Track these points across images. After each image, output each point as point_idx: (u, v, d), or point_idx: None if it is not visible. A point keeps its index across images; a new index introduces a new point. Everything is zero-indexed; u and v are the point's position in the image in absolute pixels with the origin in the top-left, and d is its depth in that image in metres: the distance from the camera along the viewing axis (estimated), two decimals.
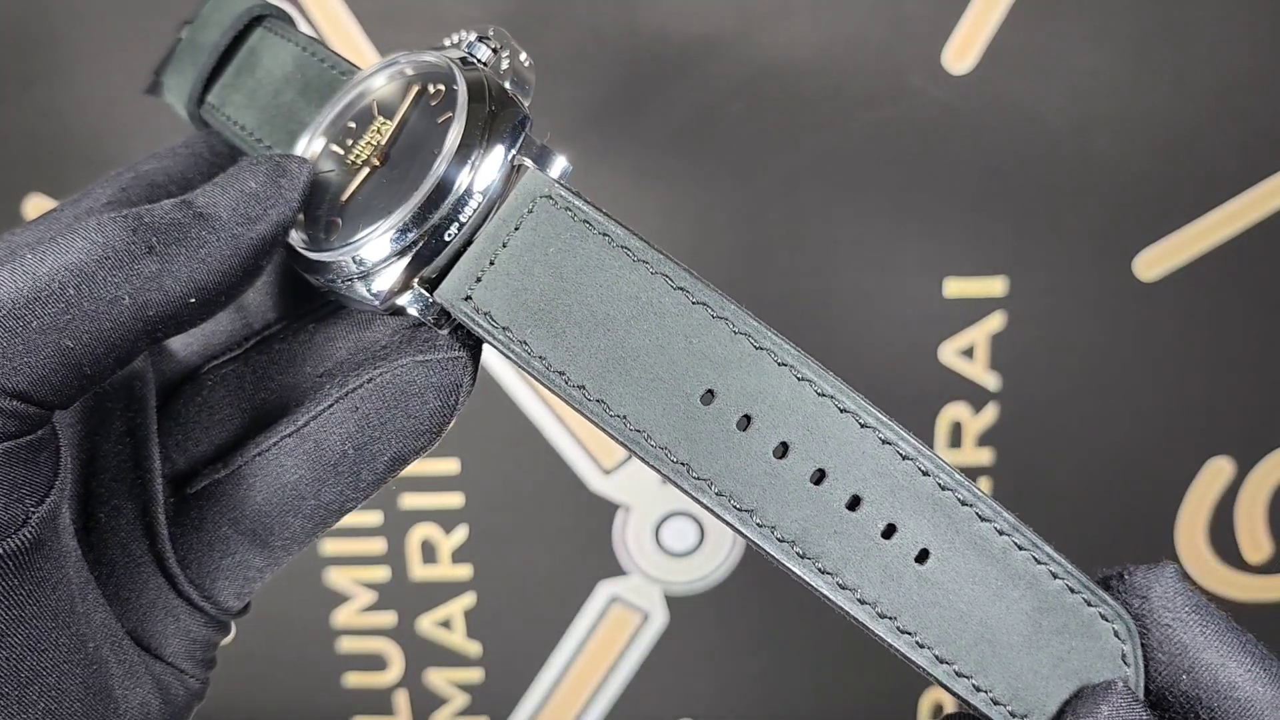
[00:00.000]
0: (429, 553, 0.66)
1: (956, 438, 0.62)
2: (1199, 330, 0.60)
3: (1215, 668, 0.24)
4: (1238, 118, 0.56)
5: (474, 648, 0.68)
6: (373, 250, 0.26)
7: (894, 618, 0.24)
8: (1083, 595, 0.24)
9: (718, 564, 0.66)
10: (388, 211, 0.26)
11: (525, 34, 0.47)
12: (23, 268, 0.23)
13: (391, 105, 0.28)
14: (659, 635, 0.67)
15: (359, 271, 0.27)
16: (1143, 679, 0.24)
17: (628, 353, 0.25)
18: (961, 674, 0.24)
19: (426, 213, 0.26)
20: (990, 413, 0.62)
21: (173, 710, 0.28)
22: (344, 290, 0.27)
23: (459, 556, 0.66)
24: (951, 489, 0.25)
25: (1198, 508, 0.64)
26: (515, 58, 0.29)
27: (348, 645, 0.68)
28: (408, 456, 0.27)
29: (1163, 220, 0.58)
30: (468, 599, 0.67)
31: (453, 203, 0.26)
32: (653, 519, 0.65)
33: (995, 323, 0.60)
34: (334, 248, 0.27)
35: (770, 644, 0.68)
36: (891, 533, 0.25)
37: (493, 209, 0.26)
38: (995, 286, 0.59)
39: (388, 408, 0.27)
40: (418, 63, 0.29)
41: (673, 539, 0.65)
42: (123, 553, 0.27)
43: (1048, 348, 0.61)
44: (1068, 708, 0.24)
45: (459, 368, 0.27)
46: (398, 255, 0.26)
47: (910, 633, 0.24)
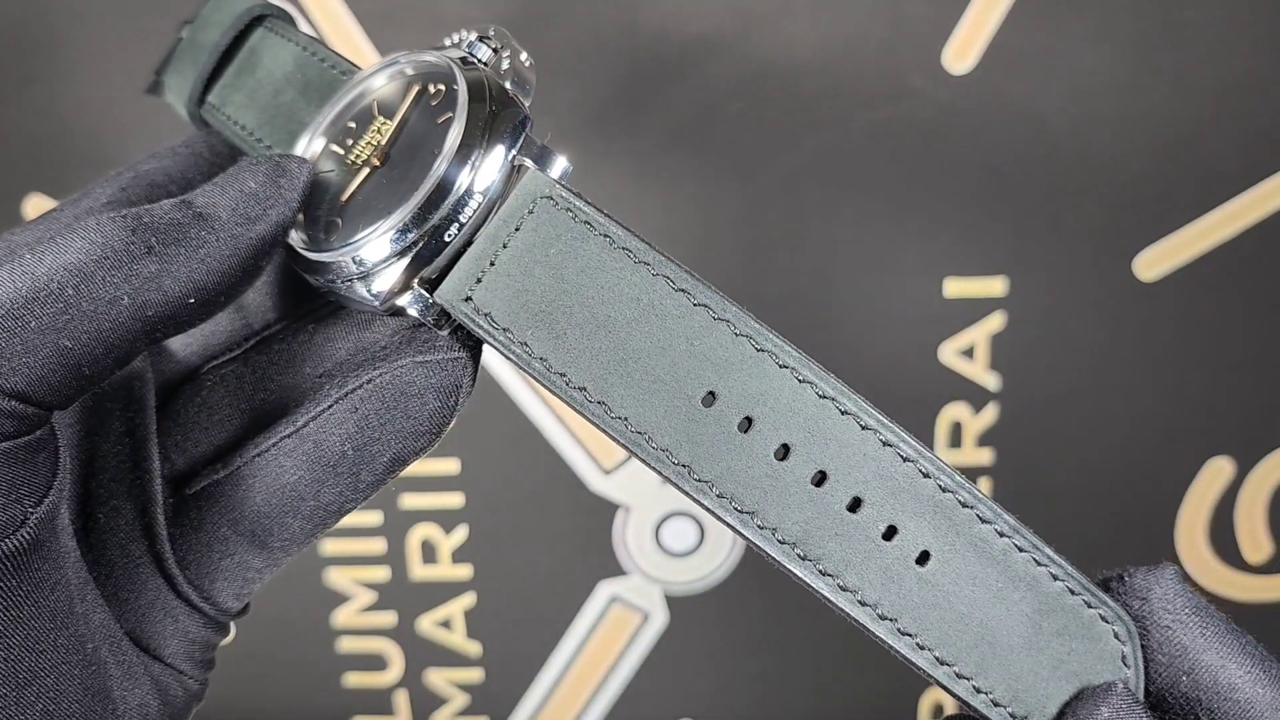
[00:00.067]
0: (429, 553, 0.66)
1: (956, 438, 0.62)
2: (1199, 330, 0.60)
3: (1215, 669, 0.24)
4: (1238, 118, 0.56)
5: (474, 648, 0.68)
6: (373, 250, 0.26)
7: (895, 619, 0.24)
8: (1083, 597, 0.24)
9: (718, 564, 0.66)
10: (388, 212, 0.26)
11: (525, 34, 0.47)
12: (22, 268, 0.23)
13: (392, 105, 0.28)
14: (659, 635, 0.67)
15: (359, 272, 0.27)
16: (1143, 681, 0.24)
17: (629, 355, 0.25)
18: (962, 675, 0.24)
19: (427, 213, 0.26)
20: (990, 413, 0.62)
21: (171, 711, 0.28)
22: (344, 291, 0.27)
23: (459, 556, 0.66)
24: (952, 491, 0.25)
25: (1198, 508, 0.63)
26: (516, 58, 0.29)
27: (348, 645, 0.68)
28: (407, 457, 0.27)
29: (1163, 220, 0.58)
30: (468, 599, 0.67)
31: (453, 203, 0.26)
32: (653, 519, 0.65)
33: (995, 323, 0.60)
34: (334, 248, 0.27)
35: (770, 644, 0.68)
36: (892, 535, 0.25)
37: (493, 209, 0.26)
38: (995, 286, 0.59)
39: (387, 408, 0.27)
40: (418, 62, 0.29)
41: (673, 539, 0.65)
42: (121, 553, 0.27)
43: (1048, 348, 0.60)
44: (1068, 709, 0.24)
45: (459, 368, 0.27)
46: (398, 256, 0.26)
47: (911, 634, 0.24)
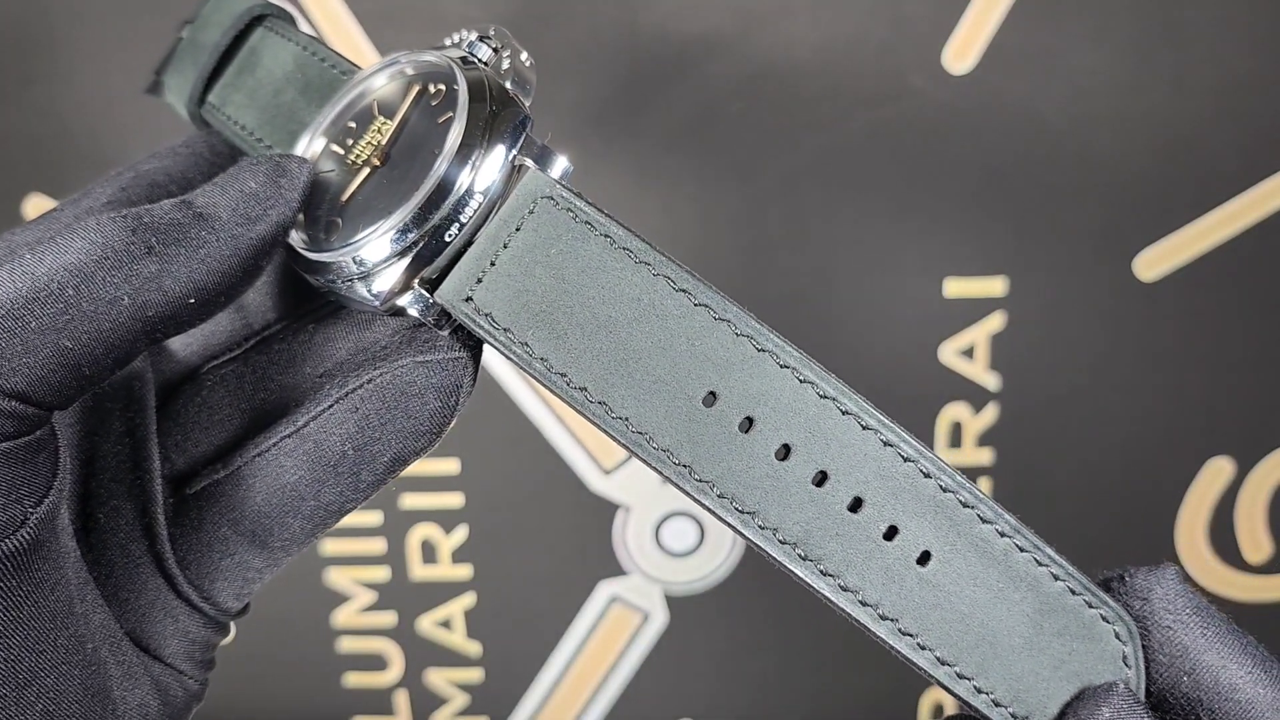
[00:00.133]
0: (429, 553, 0.66)
1: (956, 438, 0.62)
2: (1199, 330, 0.60)
3: (1216, 670, 0.24)
4: (1238, 118, 0.56)
5: (474, 648, 0.68)
6: (373, 251, 0.26)
7: (896, 620, 0.24)
8: (1084, 597, 0.24)
9: (718, 564, 0.66)
10: (388, 212, 0.26)
11: (525, 34, 0.47)
12: (22, 268, 0.23)
13: (392, 105, 0.28)
14: (659, 635, 0.67)
15: (359, 272, 0.26)
16: (1144, 681, 0.24)
17: (630, 355, 0.25)
18: (963, 676, 0.24)
19: (427, 213, 0.26)
20: (990, 413, 0.62)
21: (171, 711, 0.28)
22: (344, 291, 0.27)
23: (459, 556, 0.66)
24: (953, 491, 0.25)
25: (1198, 508, 0.63)
26: (516, 57, 0.29)
27: (348, 645, 0.68)
28: (408, 457, 0.27)
29: (1163, 220, 0.58)
30: (468, 599, 0.67)
31: (453, 203, 0.26)
32: (653, 519, 0.65)
33: (995, 323, 0.60)
34: (334, 248, 0.27)
35: (770, 644, 0.68)
36: (893, 535, 0.25)
37: (494, 209, 0.26)
38: (995, 286, 0.59)
39: (388, 408, 0.27)
40: (418, 62, 0.29)
41: (673, 539, 0.65)
42: (122, 553, 0.27)
43: (1048, 348, 0.60)
44: (1069, 709, 0.24)
45: (459, 368, 0.27)
46: (398, 256, 0.26)
47: (912, 635, 0.24)
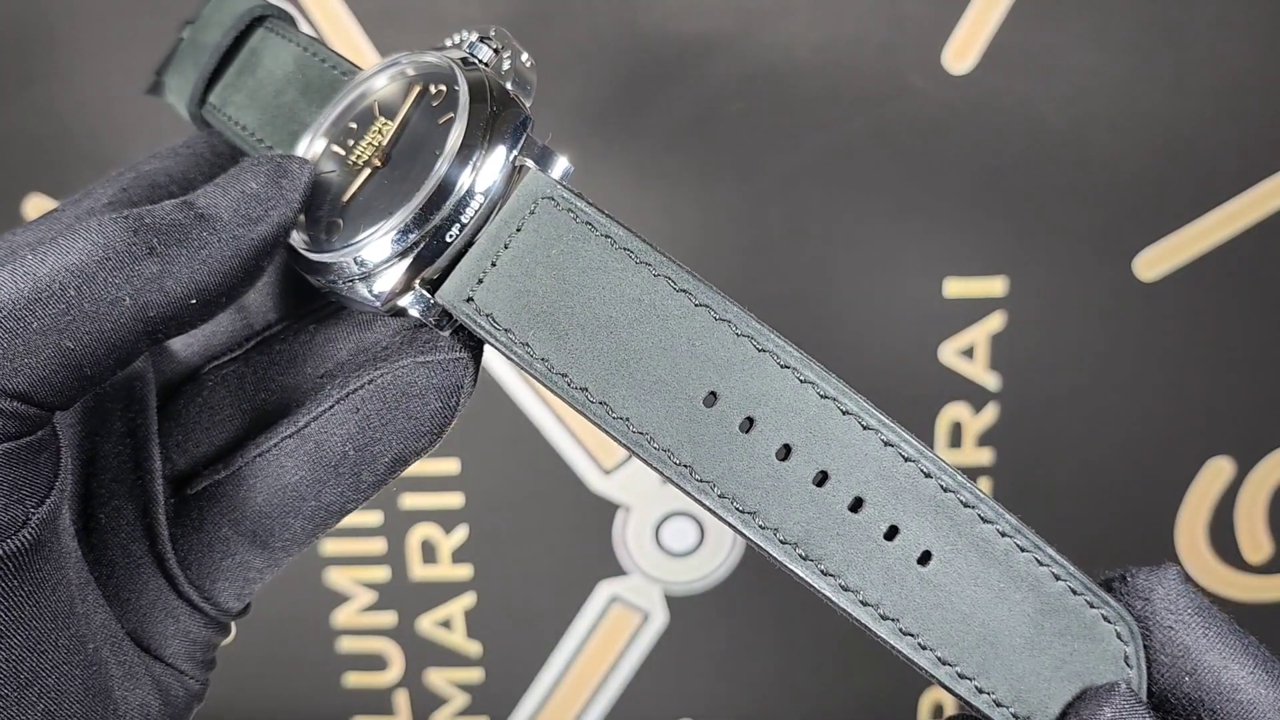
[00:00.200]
0: (429, 553, 0.66)
1: (956, 438, 0.62)
2: (1199, 330, 0.60)
3: (1218, 670, 0.24)
4: (1238, 118, 0.56)
5: (474, 648, 0.68)
6: (374, 251, 0.26)
7: (897, 620, 0.24)
8: (1085, 597, 0.24)
9: (718, 564, 0.66)
10: (389, 212, 0.26)
11: (525, 34, 0.47)
12: (23, 268, 0.23)
13: (393, 106, 0.28)
14: (659, 635, 0.67)
15: (360, 272, 0.27)
16: (1145, 681, 0.24)
17: (630, 355, 0.25)
18: (964, 676, 0.24)
19: (428, 213, 0.26)
20: (990, 413, 0.62)
21: (172, 711, 0.28)
22: (345, 291, 0.27)
23: (459, 556, 0.66)
24: (954, 491, 0.25)
25: (1198, 508, 0.64)
26: (516, 58, 0.29)
27: (348, 645, 0.68)
28: (409, 457, 0.27)
29: (1163, 220, 0.58)
30: (468, 599, 0.67)
31: (454, 203, 0.26)
32: (653, 519, 0.65)
33: (995, 323, 0.60)
34: (335, 249, 0.27)
35: (770, 644, 0.68)
36: (894, 535, 0.25)
37: (494, 210, 0.26)
38: (995, 286, 0.59)
39: (389, 409, 0.27)
40: (419, 63, 0.29)
41: (673, 539, 0.65)
42: (123, 553, 0.27)
43: (1048, 348, 0.60)
44: (1070, 710, 0.24)
45: (460, 369, 0.27)
46: (399, 256, 0.26)
47: (913, 635, 0.24)
